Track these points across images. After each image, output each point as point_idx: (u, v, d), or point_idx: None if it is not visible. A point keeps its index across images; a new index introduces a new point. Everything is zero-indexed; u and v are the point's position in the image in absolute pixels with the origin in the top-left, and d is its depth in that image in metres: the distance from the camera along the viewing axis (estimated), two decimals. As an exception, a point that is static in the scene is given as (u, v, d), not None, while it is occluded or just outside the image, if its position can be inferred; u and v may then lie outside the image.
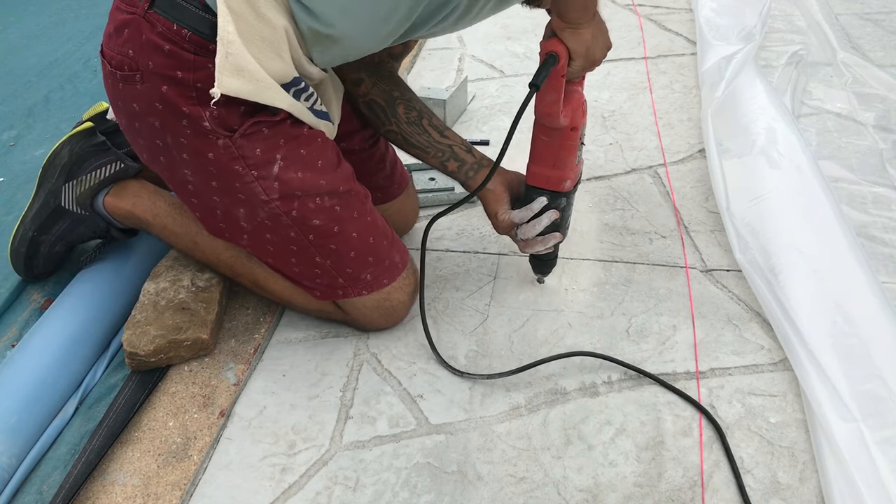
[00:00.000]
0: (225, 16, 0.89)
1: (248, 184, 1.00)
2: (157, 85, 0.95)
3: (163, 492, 0.95)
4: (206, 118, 0.96)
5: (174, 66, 0.94)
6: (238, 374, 1.11)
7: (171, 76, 0.94)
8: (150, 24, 0.93)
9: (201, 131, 0.97)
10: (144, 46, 0.94)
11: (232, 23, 0.89)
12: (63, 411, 1.06)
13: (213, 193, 1.04)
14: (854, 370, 1.01)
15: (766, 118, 1.51)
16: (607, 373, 1.09)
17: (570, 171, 1.10)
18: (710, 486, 0.93)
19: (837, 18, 2.05)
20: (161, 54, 0.94)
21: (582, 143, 1.10)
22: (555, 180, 1.10)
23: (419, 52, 2.06)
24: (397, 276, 1.13)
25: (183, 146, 0.99)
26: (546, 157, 1.09)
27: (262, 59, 0.92)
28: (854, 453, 0.91)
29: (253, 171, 0.99)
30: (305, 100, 1.01)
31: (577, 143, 1.08)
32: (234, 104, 0.96)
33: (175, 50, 0.93)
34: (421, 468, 0.97)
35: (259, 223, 1.05)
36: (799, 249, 1.21)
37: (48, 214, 1.20)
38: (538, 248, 1.15)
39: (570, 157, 1.09)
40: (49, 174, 1.20)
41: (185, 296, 1.16)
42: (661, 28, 2.11)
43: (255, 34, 0.91)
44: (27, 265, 1.24)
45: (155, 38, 0.93)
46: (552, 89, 1.00)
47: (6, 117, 1.78)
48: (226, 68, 0.90)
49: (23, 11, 2.34)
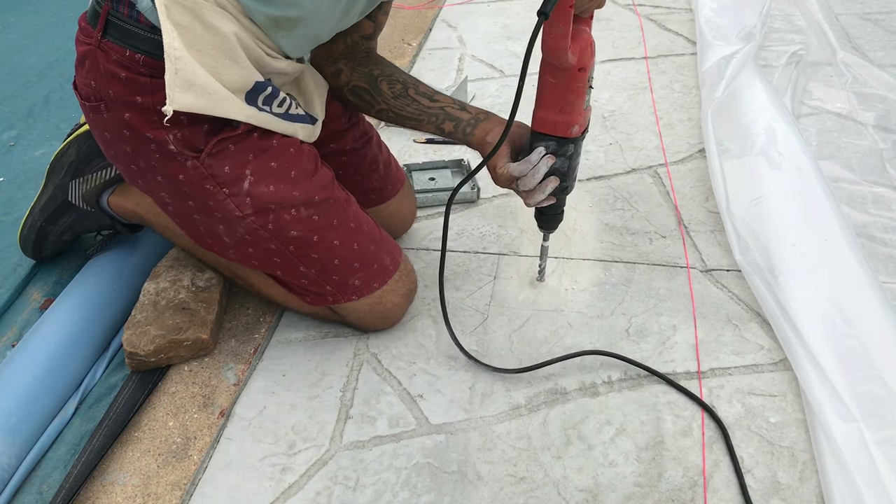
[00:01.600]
0: (170, 31, 0.88)
1: (221, 202, 1.00)
2: (121, 113, 0.95)
3: (163, 492, 0.95)
4: (171, 141, 0.95)
5: (132, 92, 0.94)
6: (238, 374, 1.11)
7: (132, 102, 0.94)
8: (105, 54, 0.94)
9: (169, 154, 0.97)
10: (103, 76, 0.95)
11: (178, 38, 0.88)
12: (63, 411, 1.06)
13: (192, 212, 1.03)
14: (854, 371, 1.01)
15: (766, 118, 1.51)
16: (607, 373, 1.09)
17: (577, 116, 1.03)
18: (710, 486, 0.93)
19: (837, 18, 2.05)
20: (119, 82, 0.94)
21: (590, 86, 1.04)
22: (562, 125, 1.03)
23: (419, 52, 2.06)
24: (388, 279, 1.12)
25: (156, 169, 0.99)
26: (553, 101, 1.03)
27: (218, 68, 0.91)
28: (854, 453, 0.91)
29: (224, 188, 0.99)
30: (279, 105, 0.99)
31: (584, 86, 1.01)
32: (196, 124, 0.95)
33: (131, 76, 0.93)
34: (421, 468, 0.97)
35: (240, 238, 1.04)
36: (799, 250, 1.21)
37: (56, 207, 1.23)
38: (538, 198, 1.08)
39: (579, 101, 1.02)
40: (57, 170, 1.23)
41: (185, 296, 1.16)
42: (661, 28, 2.11)
43: (205, 44, 0.90)
44: (35, 250, 1.29)
45: (111, 66, 0.93)
46: (560, 20, 0.94)
47: (6, 117, 1.78)
48: (176, 84, 0.89)
49: (23, 11, 2.34)
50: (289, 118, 1.02)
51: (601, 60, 1.95)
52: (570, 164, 1.08)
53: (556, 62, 1.00)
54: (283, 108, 1.00)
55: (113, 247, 1.29)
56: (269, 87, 0.97)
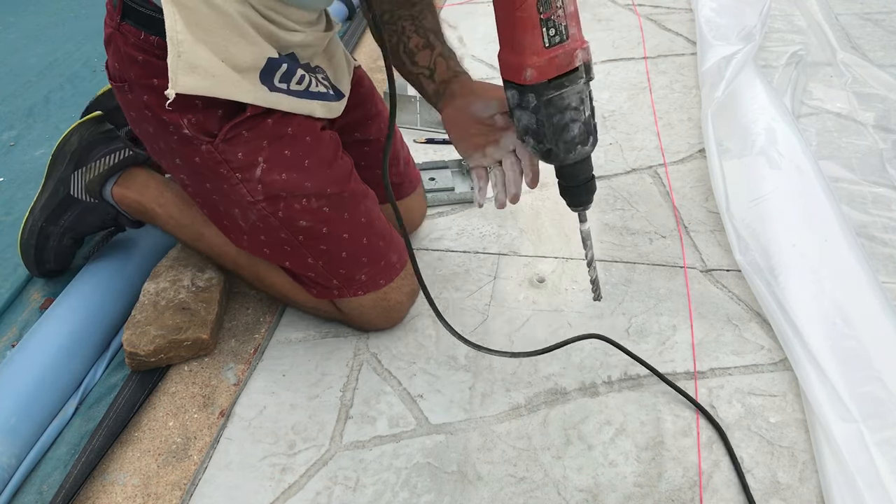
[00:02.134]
0: (171, 14, 0.88)
1: (234, 186, 1.01)
2: (140, 95, 0.97)
3: (163, 492, 0.95)
4: (185, 125, 0.96)
5: (150, 74, 0.95)
6: (238, 374, 1.11)
7: (150, 84, 0.95)
8: (123, 37, 0.95)
9: (185, 138, 0.98)
10: (124, 59, 0.96)
11: (181, 19, 0.88)
12: (63, 411, 1.06)
13: (211, 194, 1.04)
14: (854, 372, 1.01)
15: (766, 118, 1.51)
16: (607, 372, 1.09)
17: (530, 55, 0.80)
18: (711, 486, 0.93)
19: (837, 18, 2.05)
20: (137, 65, 0.95)
21: (552, 21, 0.79)
22: (514, 68, 0.82)
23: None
24: (395, 277, 1.13)
25: (174, 151, 1.00)
26: (504, 35, 0.84)
27: (227, 47, 0.90)
28: (854, 454, 0.91)
29: (237, 173, 1.00)
30: (297, 83, 0.98)
31: (534, 14, 0.78)
32: (211, 108, 0.96)
33: (148, 59, 0.94)
34: (421, 468, 0.97)
35: (253, 224, 1.05)
36: (799, 250, 1.21)
37: (57, 203, 1.21)
38: (529, 176, 0.96)
39: (528, 36, 0.80)
40: (59, 162, 1.21)
41: (185, 296, 1.16)
42: (661, 28, 2.11)
43: (212, 23, 0.89)
44: (37, 259, 1.25)
45: (130, 49, 0.95)
46: None
47: (6, 117, 1.78)
48: (179, 67, 0.89)
49: (23, 11, 2.34)
50: (308, 95, 1.01)
51: (601, 60, 1.95)
52: (539, 119, 0.84)
53: None
54: (303, 85, 1.00)
55: (113, 247, 1.29)
56: (285, 64, 0.96)
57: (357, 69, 1.21)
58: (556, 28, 0.80)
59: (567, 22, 0.80)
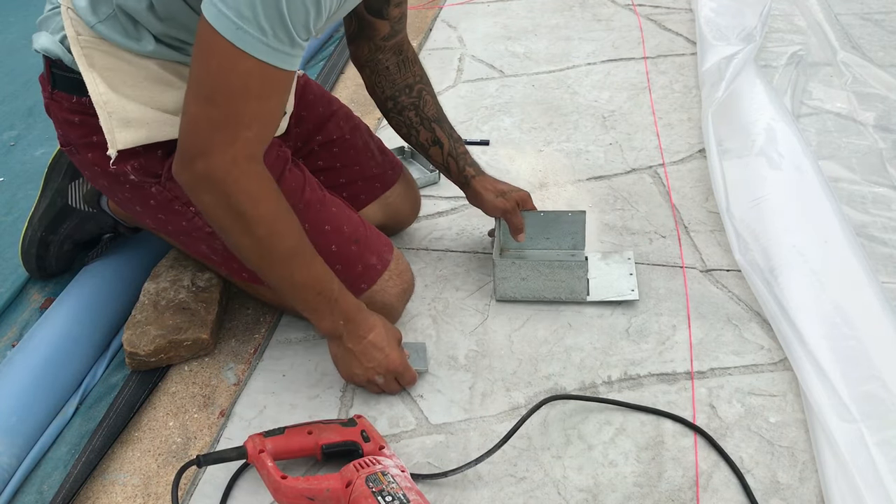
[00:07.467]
0: (92, 81, 0.93)
1: (191, 220, 1.04)
2: (85, 154, 1.01)
3: (163, 492, 0.95)
4: (131, 172, 1.00)
5: (88, 133, 0.99)
6: (238, 374, 1.11)
7: (90, 142, 0.99)
8: (58, 103, 1.00)
9: (134, 184, 1.02)
10: (63, 123, 1.01)
11: (102, 83, 0.93)
12: (63, 411, 1.06)
13: (178, 234, 1.08)
14: (853, 372, 1.01)
15: (766, 118, 1.51)
16: (607, 372, 1.09)
17: None
18: (711, 486, 0.93)
19: (837, 18, 2.05)
20: (76, 127, 0.99)
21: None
22: None
23: (419, 53, 2.06)
24: (377, 279, 1.10)
25: (132, 199, 1.04)
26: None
27: (154, 96, 0.95)
28: (854, 454, 0.91)
29: (189, 207, 1.01)
30: None
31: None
32: (151, 150, 0.99)
33: (84, 118, 0.98)
34: (421, 468, 0.97)
35: (222, 253, 1.07)
36: (799, 250, 1.21)
37: (55, 214, 1.22)
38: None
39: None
40: (55, 173, 1.22)
41: (185, 296, 1.16)
42: (661, 28, 2.11)
43: (135, 78, 0.94)
44: (39, 265, 1.25)
45: (65, 114, 0.99)
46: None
47: (6, 117, 1.78)
48: (113, 125, 0.94)
49: (23, 11, 2.34)
50: None
51: (601, 60, 1.95)
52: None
53: None
54: None
55: (113, 247, 1.29)
56: None
57: (299, 79, 1.20)
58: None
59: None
